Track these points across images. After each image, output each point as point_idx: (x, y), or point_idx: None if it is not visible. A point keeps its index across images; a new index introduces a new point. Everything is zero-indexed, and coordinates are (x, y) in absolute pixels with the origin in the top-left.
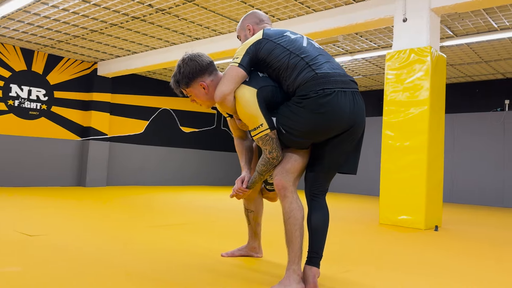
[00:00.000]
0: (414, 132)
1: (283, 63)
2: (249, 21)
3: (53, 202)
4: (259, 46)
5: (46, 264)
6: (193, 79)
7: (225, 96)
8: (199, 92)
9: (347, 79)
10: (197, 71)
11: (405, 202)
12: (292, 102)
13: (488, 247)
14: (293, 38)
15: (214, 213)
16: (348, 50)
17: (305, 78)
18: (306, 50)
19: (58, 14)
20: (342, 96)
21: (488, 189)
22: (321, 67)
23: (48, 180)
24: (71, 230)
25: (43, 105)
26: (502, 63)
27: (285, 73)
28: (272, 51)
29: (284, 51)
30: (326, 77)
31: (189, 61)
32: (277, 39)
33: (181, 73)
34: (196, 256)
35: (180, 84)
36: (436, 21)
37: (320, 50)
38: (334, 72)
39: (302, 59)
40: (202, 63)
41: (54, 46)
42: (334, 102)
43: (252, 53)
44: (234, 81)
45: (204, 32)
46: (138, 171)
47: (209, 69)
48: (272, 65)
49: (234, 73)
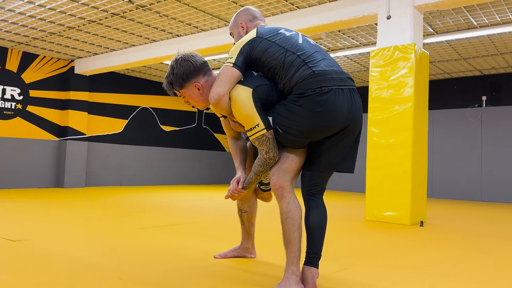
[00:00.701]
0: (398, 129)
1: (278, 61)
2: (242, 18)
3: (32, 205)
4: (253, 45)
5: (34, 270)
6: (187, 80)
7: (220, 97)
8: (194, 93)
9: (344, 76)
10: (191, 72)
11: (391, 198)
12: (288, 101)
13: (475, 240)
14: (288, 36)
15: (200, 213)
16: (330, 47)
17: (302, 76)
18: (302, 47)
19: (33, 10)
20: (340, 94)
21: (467, 184)
22: (318, 65)
23: (25, 181)
24: (55, 234)
25: (18, 105)
26: (480, 60)
27: (281, 72)
28: (267, 50)
29: (279, 49)
30: (323, 75)
31: (183, 62)
32: (271, 37)
33: (174, 74)
34: (189, 258)
35: (174, 86)
36: (419, 18)
37: (316, 47)
38: (331, 69)
39: (298, 56)
40: (196, 63)
41: (29, 44)
42: (332, 100)
43: (246, 53)
44: (229, 82)
45: (186, 29)
46: (117, 171)
47: (203, 69)
48: (268, 64)
49: (229, 73)
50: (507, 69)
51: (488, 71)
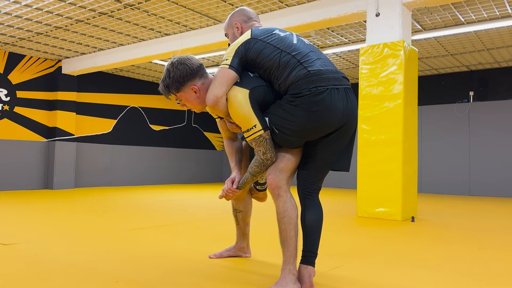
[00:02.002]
0: (389, 125)
1: (274, 62)
2: (237, 18)
3: (21, 207)
4: (248, 46)
5: (29, 275)
6: (184, 83)
7: (218, 99)
8: (190, 96)
9: (340, 75)
10: (188, 75)
11: (382, 194)
12: (284, 101)
13: (467, 234)
14: (283, 36)
15: (192, 213)
16: (319, 45)
17: (297, 76)
18: (296, 47)
19: (20, 10)
20: (336, 94)
21: (455, 179)
22: (313, 64)
23: (13, 184)
24: (48, 237)
25: (5, 106)
26: (467, 56)
27: (277, 72)
28: (262, 51)
29: (274, 50)
30: (318, 74)
31: (179, 65)
32: (266, 37)
33: (171, 77)
34: (184, 259)
35: (170, 89)
36: (407, 15)
37: (311, 46)
38: (326, 69)
39: (293, 57)
40: (192, 66)
41: (16, 44)
42: (327, 99)
43: (241, 54)
44: (226, 84)
45: (175, 28)
46: (107, 171)
47: (200, 72)
48: (263, 65)
49: (225, 75)
50: (494, 64)
51: (475, 67)
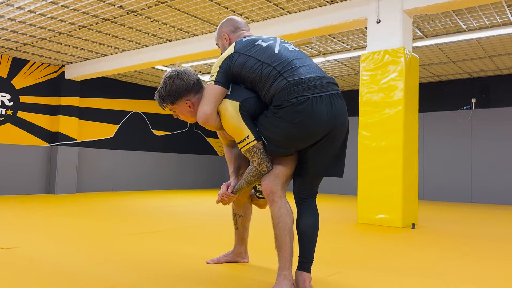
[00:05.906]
0: (389, 132)
1: (256, 74)
2: (224, 29)
3: (22, 211)
4: (231, 61)
5: (27, 280)
6: (179, 98)
7: (208, 117)
8: (184, 110)
9: (323, 82)
10: (183, 90)
11: (383, 201)
12: (269, 112)
13: (467, 242)
14: (264, 46)
15: (192, 218)
16: (321, 51)
17: (278, 87)
18: (278, 57)
19: (24, 16)
20: (318, 102)
21: (457, 186)
22: (294, 74)
23: (16, 188)
24: (47, 242)
25: (9, 111)
26: (469, 63)
27: (260, 84)
28: (244, 64)
29: (256, 63)
30: (299, 84)
31: (176, 79)
32: (248, 50)
33: (167, 90)
34: (182, 265)
35: (165, 102)
36: (408, 22)
37: (295, 53)
38: (309, 77)
39: (274, 68)
40: (188, 82)
41: (19, 49)
42: (308, 109)
43: (225, 69)
44: (214, 100)
45: (177, 34)
46: (109, 176)
47: (196, 87)
48: (247, 78)
49: (212, 91)
50: (496, 71)
51: (477, 74)
